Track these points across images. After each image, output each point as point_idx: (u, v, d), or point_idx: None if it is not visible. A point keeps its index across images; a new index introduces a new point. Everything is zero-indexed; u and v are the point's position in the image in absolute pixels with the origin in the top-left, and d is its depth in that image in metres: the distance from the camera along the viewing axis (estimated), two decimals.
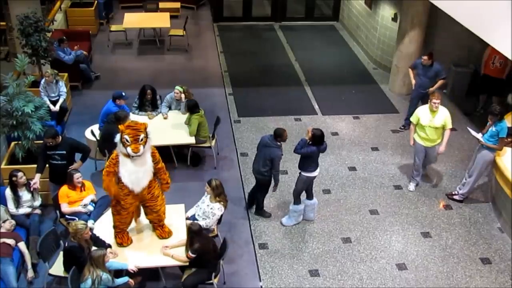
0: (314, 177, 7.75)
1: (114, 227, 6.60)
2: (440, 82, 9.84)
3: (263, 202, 8.23)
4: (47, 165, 7.68)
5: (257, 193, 8.12)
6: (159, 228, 6.78)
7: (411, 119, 8.59)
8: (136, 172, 6.14)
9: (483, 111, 10.88)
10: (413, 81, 10.10)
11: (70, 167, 7.61)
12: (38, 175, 7.55)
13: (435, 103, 8.15)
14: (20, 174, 7.29)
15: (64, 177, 7.42)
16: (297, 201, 7.93)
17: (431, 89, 9.72)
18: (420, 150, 8.59)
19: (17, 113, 7.63)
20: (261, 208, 8.23)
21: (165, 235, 6.78)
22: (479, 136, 8.27)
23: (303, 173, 7.66)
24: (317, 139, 7.36)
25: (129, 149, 5.93)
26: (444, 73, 9.85)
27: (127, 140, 5.92)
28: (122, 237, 6.61)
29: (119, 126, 6.08)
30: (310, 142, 7.41)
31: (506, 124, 8.01)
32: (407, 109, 10.49)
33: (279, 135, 7.53)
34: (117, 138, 6.04)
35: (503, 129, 7.94)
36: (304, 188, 7.85)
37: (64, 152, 7.64)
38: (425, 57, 9.71)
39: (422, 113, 8.39)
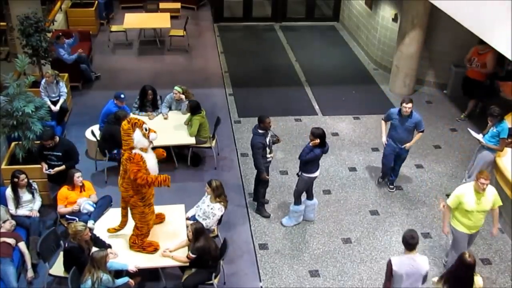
0: (315, 177, 7.76)
1: (141, 237, 6.51)
2: (419, 136, 8.42)
3: (263, 197, 8.25)
4: None
5: (257, 185, 8.16)
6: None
7: (448, 202, 6.76)
8: (156, 161, 6.29)
9: (474, 114, 10.88)
10: (384, 138, 8.52)
11: (54, 170, 7.81)
12: (42, 163, 7.81)
13: (483, 183, 6.42)
14: (22, 176, 7.30)
15: (62, 177, 7.45)
16: (297, 201, 7.93)
17: (407, 144, 8.36)
18: (462, 240, 6.86)
19: (17, 113, 7.64)
20: (261, 204, 8.24)
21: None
22: (479, 137, 8.27)
23: (304, 174, 7.66)
24: (321, 138, 7.33)
25: (152, 135, 6.08)
26: (423, 125, 8.36)
27: (146, 129, 6.03)
28: (151, 243, 6.57)
29: (133, 126, 6.02)
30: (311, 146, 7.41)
31: (507, 124, 8.02)
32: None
33: (261, 120, 7.59)
34: (138, 135, 6.01)
35: (504, 130, 7.94)
36: (305, 188, 7.85)
37: (60, 153, 7.74)
38: (410, 105, 8.03)
39: (466, 196, 6.57)
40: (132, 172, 5.98)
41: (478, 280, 5.48)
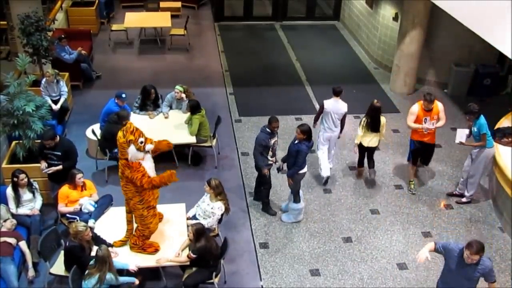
0: (305, 173, 7.85)
1: (142, 238, 6.50)
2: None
3: (267, 197, 8.24)
4: None
5: (259, 186, 8.20)
6: None
7: None
8: (153, 165, 6.29)
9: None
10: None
11: (51, 169, 7.79)
12: (42, 161, 7.81)
13: None
14: (22, 175, 7.29)
15: (63, 176, 7.46)
16: (296, 199, 7.94)
17: None
18: None
19: (18, 112, 7.63)
20: (266, 204, 8.25)
21: None
22: (464, 132, 8.23)
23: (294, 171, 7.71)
24: (308, 134, 7.46)
25: (148, 146, 6.06)
26: (494, 274, 5.63)
27: (141, 142, 5.98)
28: (151, 243, 6.59)
29: (128, 142, 5.97)
30: (297, 141, 7.51)
31: (484, 119, 8.01)
32: None
33: (269, 121, 7.83)
34: (132, 150, 5.97)
35: (482, 125, 7.95)
36: (299, 184, 7.88)
37: (60, 153, 7.74)
38: (476, 258, 5.37)
39: None
40: (137, 180, 6.05)
41: (382, 119, 8.52)
